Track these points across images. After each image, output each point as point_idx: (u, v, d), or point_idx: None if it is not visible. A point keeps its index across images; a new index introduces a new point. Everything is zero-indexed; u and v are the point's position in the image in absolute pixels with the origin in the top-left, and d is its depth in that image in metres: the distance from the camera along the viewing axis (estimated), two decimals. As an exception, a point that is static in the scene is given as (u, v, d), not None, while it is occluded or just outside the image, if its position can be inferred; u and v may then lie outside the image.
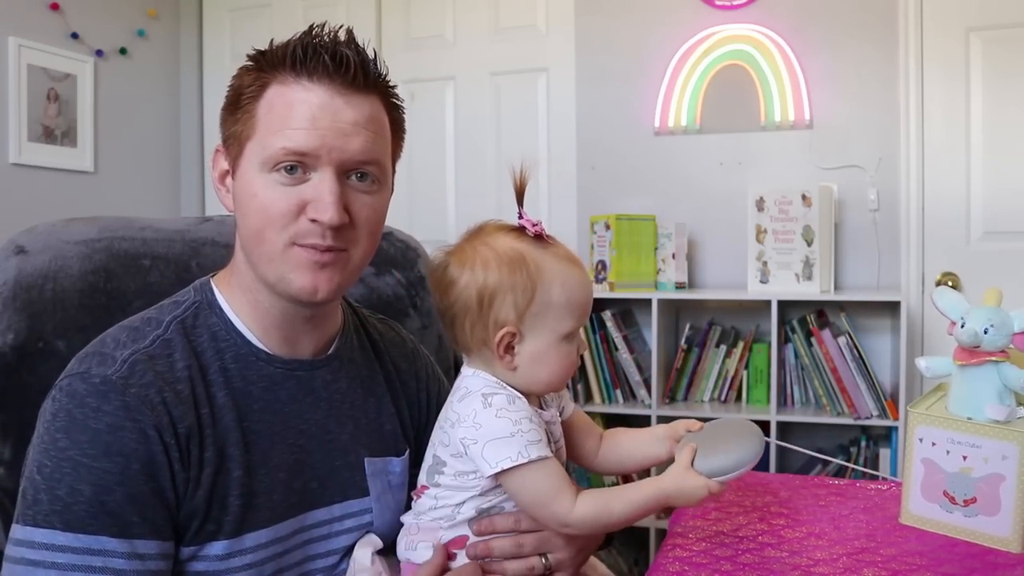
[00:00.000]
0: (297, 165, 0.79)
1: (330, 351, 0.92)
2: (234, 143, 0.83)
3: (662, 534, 2.34)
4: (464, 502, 0.83)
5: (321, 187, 0.80)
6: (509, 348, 0.82)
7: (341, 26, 0.83)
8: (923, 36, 2.40)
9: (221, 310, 0.85)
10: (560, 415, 0.92)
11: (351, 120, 0.81)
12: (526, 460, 0.78)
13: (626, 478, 1.96)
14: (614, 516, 0.81)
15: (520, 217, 0.83)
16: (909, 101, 2.42)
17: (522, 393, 0.83)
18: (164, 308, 0.85)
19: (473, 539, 0.84)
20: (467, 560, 0.84)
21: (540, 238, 0.83)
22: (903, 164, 2.44)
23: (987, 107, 2.36)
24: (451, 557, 0.84)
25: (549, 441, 0.84)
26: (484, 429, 0.79)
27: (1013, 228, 2.35)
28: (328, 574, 0.89)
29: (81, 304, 1.03)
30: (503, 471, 0.78)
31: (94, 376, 0.75)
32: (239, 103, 0.82)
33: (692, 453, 0.83)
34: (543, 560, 0.85)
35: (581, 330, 0.86)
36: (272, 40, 0.84)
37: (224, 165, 0.86)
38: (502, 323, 0.81)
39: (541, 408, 0.88)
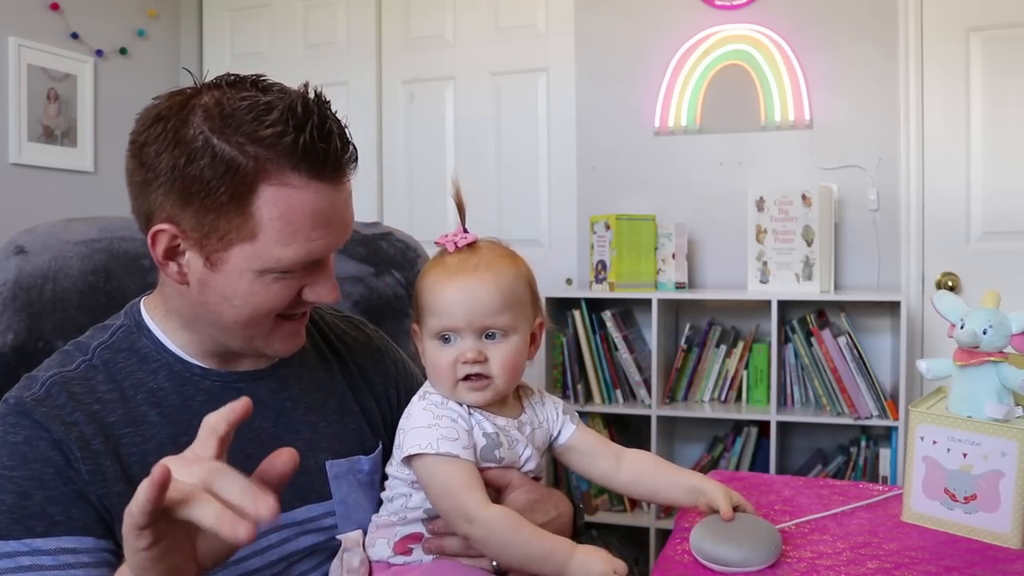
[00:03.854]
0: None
1: (275, 360, 0.93)
2: (213, 238, 0.77)
3: (662, 534, 2.35)
4: (411, 495, 0.88)
5: (325, 274, 0.84)
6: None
7: (307, 87, 0.77)
8: (923, 36, 2.40)
9: (150, 332, 0.87)
10: (558, 437, 0.95)
11: (349, 208, 0.83)
12: (434, 452, 0.82)
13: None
14: (521, 537, 0.80)
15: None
16: (909, 101, 2.42)
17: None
18: (93, 334, 0.87)
19: (427, 536, 0.88)
20: (423, 555, 0.88)
21: (448, 250, 0.89)
22: (903, 164, 2.44)
23: (987, 107, 2.36)
24: (407, 552, 0.88)
25: (497, 447, 0.86)
26: (412, 419, 0.87)
27: (1013, 228, 2.35)
28: None
29: (81, 304, 1.03)
30: (413, 456, 0.83)
31: (11, 398, 0.79)
32: (212, 193, 0.75)
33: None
34: (492, 563, 0.86)
35: (467, 339, 0.85)
36: (236, 104, 0.75)
37: (174, 244, 0.79)
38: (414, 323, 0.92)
39: (522, 414, 0.91)
